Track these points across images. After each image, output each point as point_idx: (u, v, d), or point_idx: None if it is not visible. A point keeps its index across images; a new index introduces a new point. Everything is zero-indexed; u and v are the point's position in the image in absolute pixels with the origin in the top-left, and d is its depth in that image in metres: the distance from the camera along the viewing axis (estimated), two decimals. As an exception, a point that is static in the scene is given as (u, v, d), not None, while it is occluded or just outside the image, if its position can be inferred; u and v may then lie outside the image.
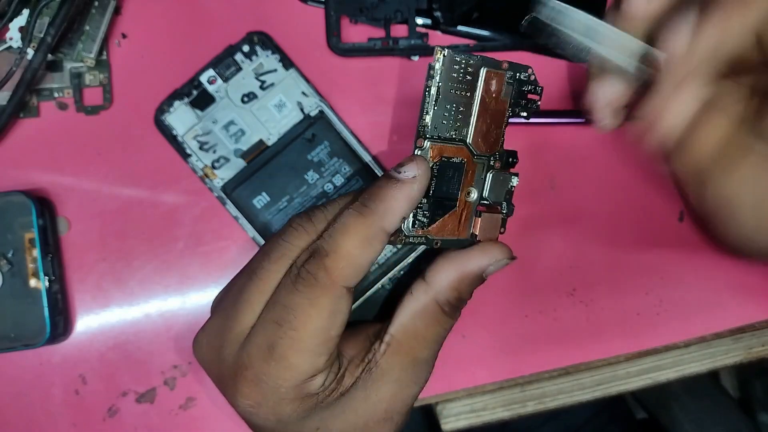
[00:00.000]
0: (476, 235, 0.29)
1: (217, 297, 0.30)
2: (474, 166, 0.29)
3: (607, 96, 0.31)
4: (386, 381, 0.28)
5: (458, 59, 0.27)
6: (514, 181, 0.30)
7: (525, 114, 0.29)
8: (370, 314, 0.35)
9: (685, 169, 0.30)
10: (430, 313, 0.28)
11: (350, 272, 0.25)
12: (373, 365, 0.28)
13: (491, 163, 0.29)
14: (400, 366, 0.28)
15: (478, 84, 0.28)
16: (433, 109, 0.27)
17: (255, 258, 0.28)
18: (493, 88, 0.28)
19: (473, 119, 0.28)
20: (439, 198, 0.28)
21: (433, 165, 0.27)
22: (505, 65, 0.28)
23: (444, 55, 0.27)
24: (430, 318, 0.28)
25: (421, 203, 0.27)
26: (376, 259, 0.27)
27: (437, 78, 0.27)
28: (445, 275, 0.28)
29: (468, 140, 0.28)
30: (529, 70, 0.29)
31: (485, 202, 0.29)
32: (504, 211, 0.30)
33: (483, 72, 0.28)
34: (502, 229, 0.30)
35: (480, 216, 0.29)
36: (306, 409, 0.27)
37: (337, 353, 0.27)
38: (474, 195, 0.29)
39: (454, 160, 0.28)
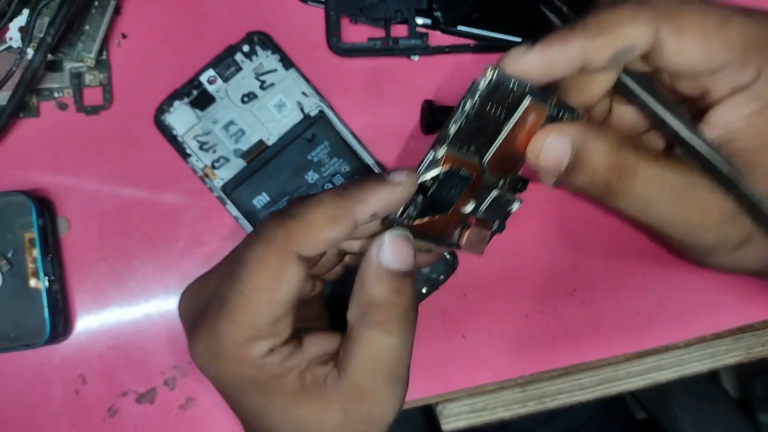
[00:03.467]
0: (459, 245, 0.29)
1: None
2: (481, 183, 0.28)
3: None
4: (332, 409, 0.26)
5: (505, 83, 0.26)
6: (515, 206, 0.30)
7: None
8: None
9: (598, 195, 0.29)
10: (357, 337, 0.27)
11: (307, 240, 0.25)
12: (320, 384, 0.27)
13: (499, 184, 0.29)
14: (345, 397, 0.26)
15: (517, 112, 0.27)
16: (461, 123, 0.26)
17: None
18: (530, 121, 0.27)
19: (497, 143, 0.27)
20: (435, 200, 0.27)
21: (440, 173, 0.26)
22: (553, 101, 0.27)
23: (493, 77, 0.25)
24: (360, 342, 0.26)
25: (415, 199, 0.27)
26: (337, 244, 0.27)
27: (476, 96, 0.25)
28: (353, 290, 0.27)
29: (484, 160, 0.27)
30: (576, 113, 0.28)
31: (479, 216, 0.29)
32: (494, 228, 0.30)
33: (526, 102, 0.26)
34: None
35: (468, 228, 0.29)
36: (246, 378, 0.26)
37: (290, 334, 0.27)
38: (470, 208, 0.28)
39: (463, 172, 0.27)
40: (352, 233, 0.26)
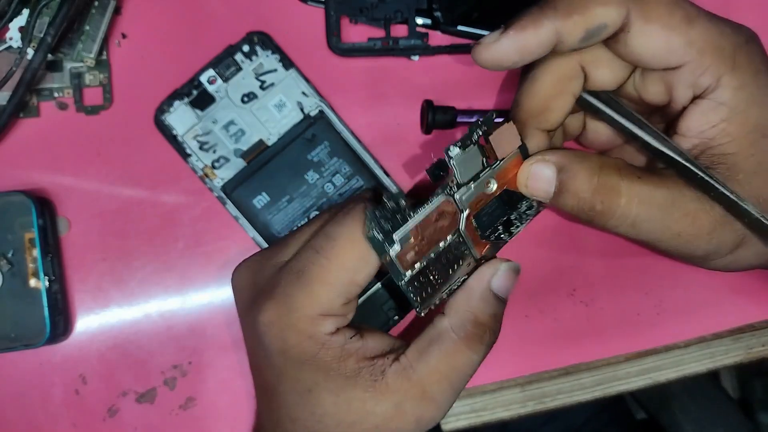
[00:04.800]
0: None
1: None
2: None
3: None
4: (386, 399, 0.27)
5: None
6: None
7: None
8: (372, 314, 0.35)
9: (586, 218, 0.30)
10: (444, 343, 0.27)
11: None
12: (379, 374, 0.27)
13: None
14: (404, 392, 0.27)
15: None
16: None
17: (320, 213, 0.31)
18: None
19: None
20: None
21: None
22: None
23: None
24: (443, 348, 0.27)
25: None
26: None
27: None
28: (455, 300, 0.28)
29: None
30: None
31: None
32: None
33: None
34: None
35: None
36: (308, 352, 0.27)
37: (353, 315, 0.28)
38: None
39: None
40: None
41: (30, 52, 0.33)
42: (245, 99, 0.36)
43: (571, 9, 0.27)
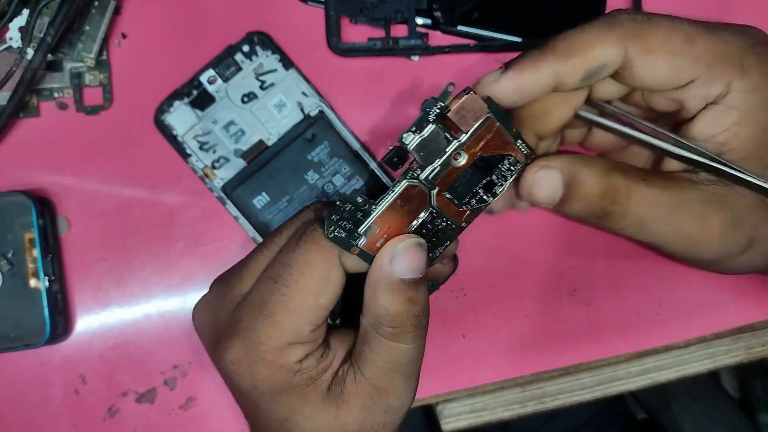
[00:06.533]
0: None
1: (219, 275, 0.30)
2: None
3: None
4: (353, 407, 0.27)
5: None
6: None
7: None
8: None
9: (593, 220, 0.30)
10: (373, 342, 0.27)
11: None
12: (340, 385, 0.27)
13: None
14: (363, 394, 0.27)
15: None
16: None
17: (266, 237, 0.29)
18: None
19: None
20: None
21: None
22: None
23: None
24: (375, 347, 0.27)
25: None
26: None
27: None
28: (365, 296, 0.27)
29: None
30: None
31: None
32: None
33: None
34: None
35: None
36: (280, 382, 0.26)
37: (324, 338, 0.27)
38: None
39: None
40: None
41: (30, 52, 0.33)
42: (245, 99, 0.36)
43: (570, 51, 0.27)
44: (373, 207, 0.25)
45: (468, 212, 0.28)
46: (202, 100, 0.35)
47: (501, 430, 0.65)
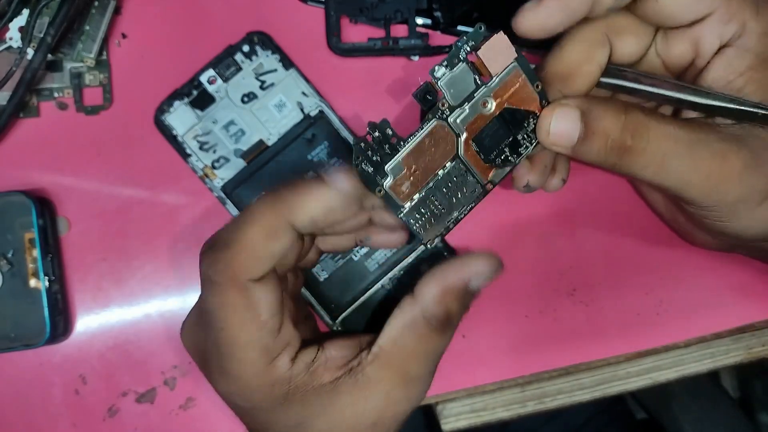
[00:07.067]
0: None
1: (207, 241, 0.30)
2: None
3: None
4: (375, 392, 0.27)
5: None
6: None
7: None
8: (369, 314, 0.35)
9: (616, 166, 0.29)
10: (419, 329, 0.27)
11: (253, 264, 0.25)
12: (359, 372, 0.27)
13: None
14: (389, 380, 0.27)
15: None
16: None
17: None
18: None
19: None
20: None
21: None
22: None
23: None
24: (418, 334, 0.27)
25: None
26: (285, 251, 0.26)
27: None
28: (429, 289, 0.27)
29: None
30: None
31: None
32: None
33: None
34: None
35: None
36: (279, 396, 0.26)
37: (305, 339, 0.28)
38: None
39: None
40: (298, 240, 0.26)
41: (30, 52, 0.33)
42: (245, 99, 0.36)
43: None
44: (401, 143, 0.24)
45: (493, 170, 0.28)
46: (202, 100, 0.35)
47: (501, 430, 0.65)
